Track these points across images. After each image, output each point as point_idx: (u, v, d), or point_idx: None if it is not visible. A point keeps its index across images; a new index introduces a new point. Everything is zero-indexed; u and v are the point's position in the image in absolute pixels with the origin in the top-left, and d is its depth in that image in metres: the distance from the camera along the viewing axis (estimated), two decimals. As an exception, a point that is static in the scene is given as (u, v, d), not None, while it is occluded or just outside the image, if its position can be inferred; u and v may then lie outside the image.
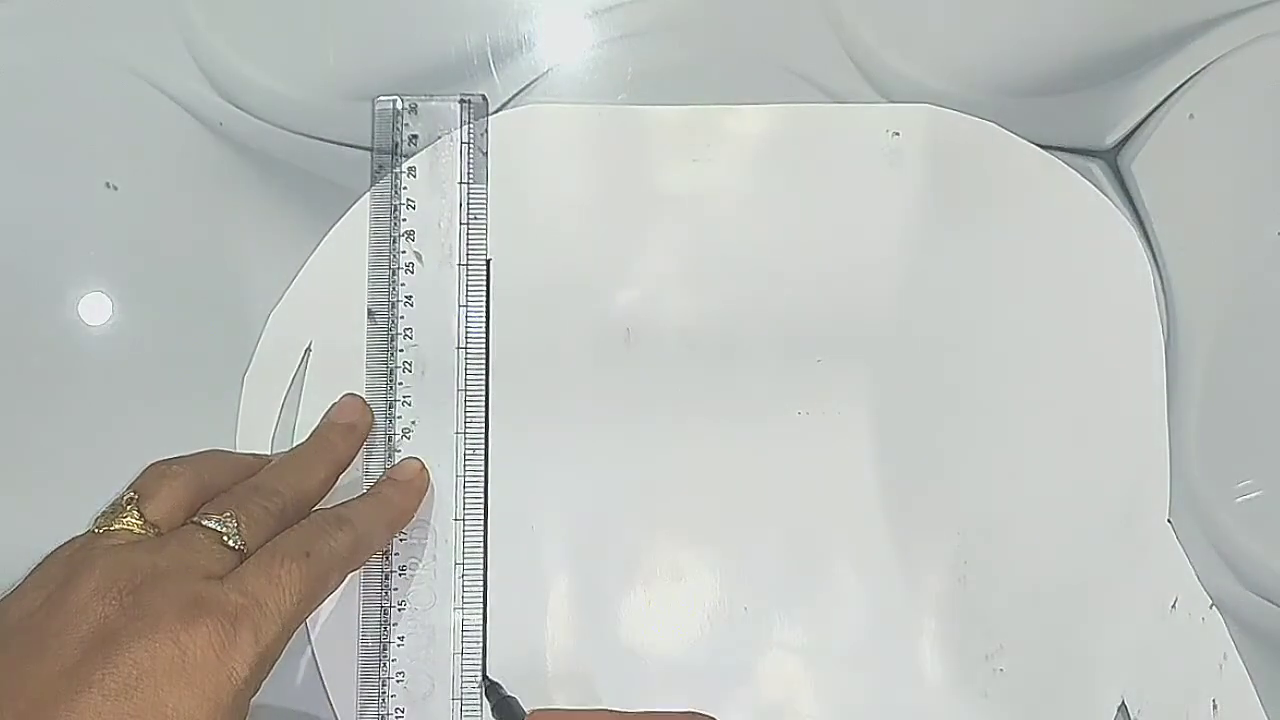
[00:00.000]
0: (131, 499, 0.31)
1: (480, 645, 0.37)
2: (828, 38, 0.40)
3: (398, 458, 0.38)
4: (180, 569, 0.29)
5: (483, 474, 0.38)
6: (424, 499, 0.37)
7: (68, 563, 0.30)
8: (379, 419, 0.38)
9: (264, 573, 0.30)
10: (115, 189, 0.40)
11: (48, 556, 0.31)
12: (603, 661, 0.37)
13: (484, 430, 0.38)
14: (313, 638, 0.37)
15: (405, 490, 0.37)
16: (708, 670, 0.37)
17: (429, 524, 0.38)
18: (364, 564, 0.34)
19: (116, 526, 0.31)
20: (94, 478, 0.37)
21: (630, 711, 0.32)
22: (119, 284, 0.39)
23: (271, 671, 0.30)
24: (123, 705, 0.26)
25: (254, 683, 0.29)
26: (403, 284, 0.38)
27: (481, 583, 0.38)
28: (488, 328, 0.39)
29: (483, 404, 0.38)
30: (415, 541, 0.37)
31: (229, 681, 0.28)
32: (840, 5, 0.40)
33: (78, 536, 0.31)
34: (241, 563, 0.30)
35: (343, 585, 0.33)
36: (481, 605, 0.37)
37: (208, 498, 0.32)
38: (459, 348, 0.38)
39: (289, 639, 0.30)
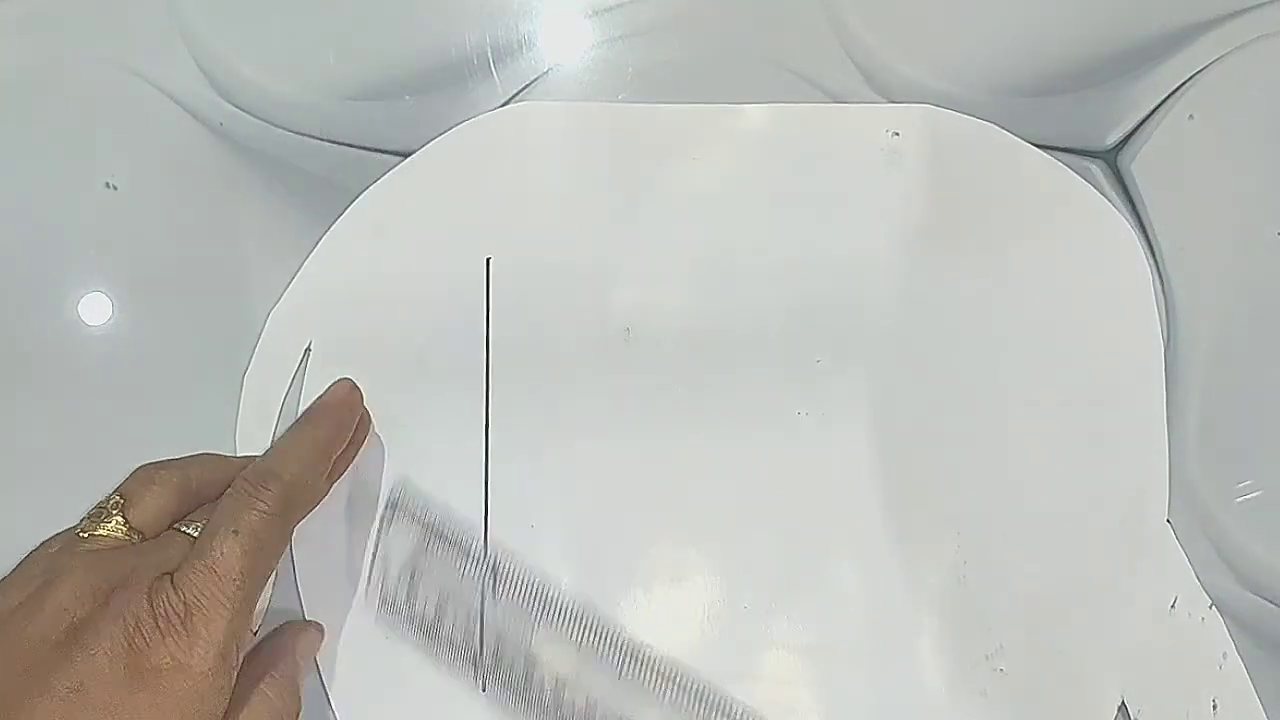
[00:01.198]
0: (117, 503, 0.31)
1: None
2: (828, 38, 0.40)
3: None
4: (156, 575, 0.29)
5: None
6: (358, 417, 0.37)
7: (49, 564, 0.30)
8: None
9: (200, 564, 0.30)
10: (115, 189, 0.40)
11: (31, 553, 0.31)
12: (604, 660, 0.37)
13: (484, 428, 0.38)
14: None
15: (333, 416, 0.36)
16: (708, 670, 0.37)
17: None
18: (309, 512, 0.33)
19: (100, 531, 0.31)
20: (93, 477, 0.37)
21: None
22: (119, 284, 0.39)
23: (239, 662, 0.30)
24: (74, 707, 0.27)
25: (218, 677, 0.29)
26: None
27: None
28: (488, 326, 0.39)
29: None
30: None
31: (187, 682, 0.28)
32: (840, 5, 0.40)
33: (61, 533, 0.31)
34: None
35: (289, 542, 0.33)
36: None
37: (195, 502, 0.33)
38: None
39: (248, 618, 0.30)
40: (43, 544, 0.31)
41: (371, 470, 0.38)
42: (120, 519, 0.31)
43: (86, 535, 0.31)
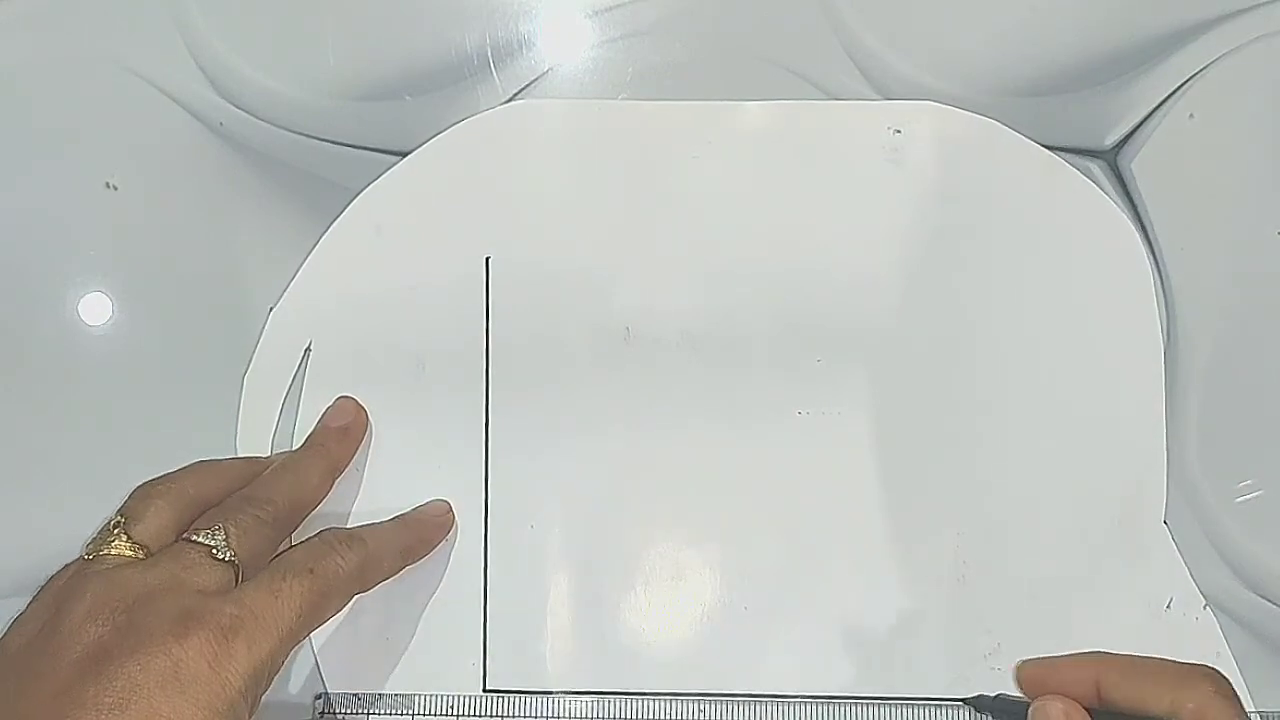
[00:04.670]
0: (119, 522, 0.32)
1: None
2: (828, 38, 0.40)
3: None
4: (171, 585, 0.29)
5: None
6: (444, 539, 0.38)
7: (60, 590, 0.30)
8: None
9: (264, 587, 0.30)
10: (115, 189, 0.40)
11: (43, 586, 0.31)
12: (603, 661, 0.37)
13: (484, 428, 0.38)
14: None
15: (427, 524, 0.37)
16: (708, 668, 0.38)
17: None
18: (373, 586, 0.34)
19: (106, 551, 0.31)
20: (94, 477, 0.37)
21: (1127, 655, 0.33)
22: (119, 284, 0.39)
23: (270, 685, 0.30)
24: (118, 719, 0.27)
25: (249, 694, 0.29)
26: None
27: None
28: (487, 325, 0.39)
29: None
30: None
31: (223, 691, 0.28)
32: (840, 6, 0.40)
33: (70, 564, 0.31)
34: (234, 574, 0.31)
35: (349, 605, 0.33)
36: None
37: (197, 511, 0.33)
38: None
39: (288, 653, 0.30)
40: (51, 577, 0.31)
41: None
42: (124, 538, 0.31)
43: (93, 558, 0.31)
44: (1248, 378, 0.39)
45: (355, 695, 0.37)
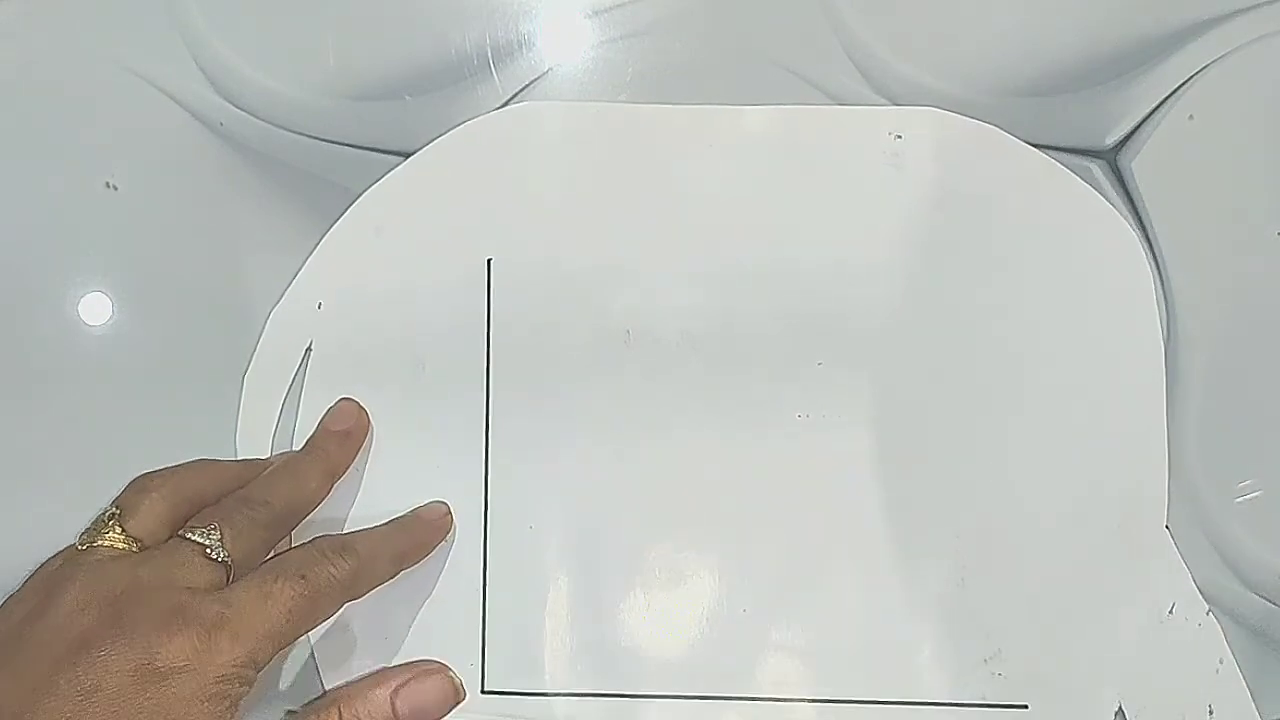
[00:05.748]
0: (113, 514, 0.32)
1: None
2: (828, 39, 0.40)
3: None
4: (161, 582, 0.29)
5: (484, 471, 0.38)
6: (442, 541, 0.37)
7: (50, 578, 0.30)
8: None
9: (254, 587, 0.30)
10: (115, 189, 0.40)
11: (34, 572, 0.31)
12: (602, 663, 0.37)
13: (484, 429, 0.38)
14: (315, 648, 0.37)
15: (423, 528, 0.37)
16: (707, 670, 0.37)
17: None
18: (365, 594, 0.34)
19: (99, 542, 0.31)
20: (94, 477, 0.37)
21: None
22: (119, 284, 0.39)
23: (254, 686, 0.30)
24: (87, 707, 0.27)
25: (231, 690, 0.29)
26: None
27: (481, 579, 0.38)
28: (488, 327, 0.39)
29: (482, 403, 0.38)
30: None
31: (201, 688, 0.28)
32: (841, 7, 0.40)
33: (62, 551, 0.31)
34: (227, 574, 0.31)
35: (339, 612, 0.33)
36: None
37: (192, 509, 0.33)
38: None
39: (272, 656, 0.30)
40: (44, 564, 0.31)
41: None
42: (118, 530, 0.31)
43: (85, 548, 0.31)
44: (1248, 378, 0.39)
45: None
